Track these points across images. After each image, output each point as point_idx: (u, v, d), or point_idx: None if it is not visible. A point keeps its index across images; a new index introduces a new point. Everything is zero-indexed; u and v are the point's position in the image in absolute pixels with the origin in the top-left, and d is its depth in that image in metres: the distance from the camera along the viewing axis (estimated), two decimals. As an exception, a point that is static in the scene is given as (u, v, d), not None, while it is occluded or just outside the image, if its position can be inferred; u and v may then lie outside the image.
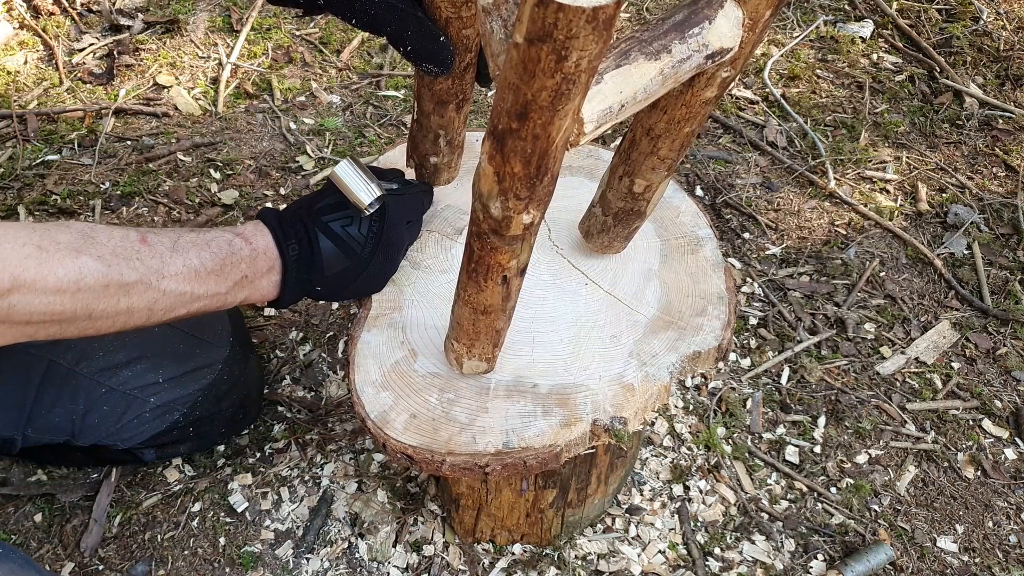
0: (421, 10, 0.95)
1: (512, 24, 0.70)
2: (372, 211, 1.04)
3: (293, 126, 2.06)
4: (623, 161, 0.96)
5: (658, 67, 0.73)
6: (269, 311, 1.68)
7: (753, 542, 1.41)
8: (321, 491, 1.42)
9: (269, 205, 1.87)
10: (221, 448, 1.46)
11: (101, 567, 1.32)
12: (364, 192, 1.02)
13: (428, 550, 1.36)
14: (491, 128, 0.64)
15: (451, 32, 0.96)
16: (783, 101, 2.23)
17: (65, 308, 0.83)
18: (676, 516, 1.43)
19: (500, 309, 0.87)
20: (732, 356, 1.67)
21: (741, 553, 1.39)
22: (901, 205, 2.01)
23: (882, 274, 1.85)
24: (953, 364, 1.69)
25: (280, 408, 1.53)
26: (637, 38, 0.74)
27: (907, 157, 2.12)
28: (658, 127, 0.89)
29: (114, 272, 0.85)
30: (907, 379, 1.66)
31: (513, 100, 0.59)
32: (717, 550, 1.39)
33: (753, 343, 1.70)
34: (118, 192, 1.86)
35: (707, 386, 1.62)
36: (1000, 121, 2.22)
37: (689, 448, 1.52)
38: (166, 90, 2.14)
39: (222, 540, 1.36)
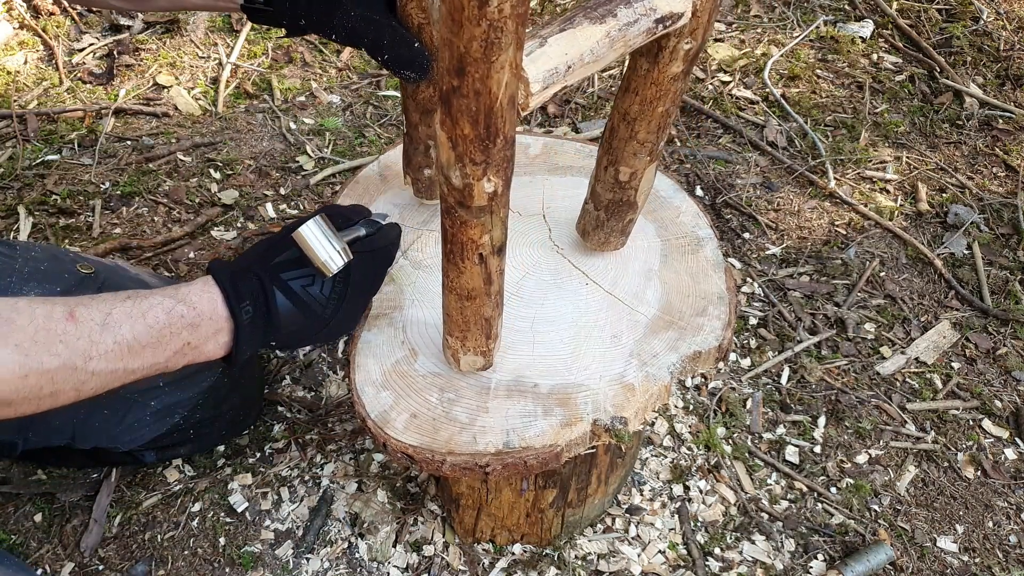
0: (396, 20, 0.97)
1: None
2: (336, 272, 0.97)
3: (293, 126, 2.06)
4: (606, 151, 0.99)
5: (603, 30, 0.75)
6: (269, 311, 1.68)
7: (753, 542, 1.41)
8: (321, 491, 1.42)
9: (226, 253, 1.87)
10: (221, 448, 1.46)
11: (101, 567, 1.32)
12: (329, 258, 0.95)
13: (428, 550, 1.36)
14: (438, 94, 0.66)
15: (424, 38, 0.99)
16: (783, 101, 2.23)
17: None
18: (676, 516, 1.43)
19: (484, 293, 0.87)
20: (732, 356, 1.67)
21: (741, 553, 1.39)
22: (901, 205, 2.01)
23: (882, 274, 1.85)
24: (953, 364, 1.69)
25: (280, 408, 1.53)
26: (583, 5, 0.77)
27: (907, 157, 2.12)
28: (632, 110, 0.91)
29: (33, 362, 0.80)
30: (907, 379, 1.66)
31: (450, 56, 0.61)
32: (717, 550, 1.39)
33: (753, 343, 1.70)
34: (118, 192, 1.86)
35: (707, 386, 1.62)
36: (1000, 121, 2.22)
37: (689, 448, 1.52)
38: (166, 90, 2.14)
39: (222, 540, 1.36)
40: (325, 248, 0.94)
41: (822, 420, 1.58)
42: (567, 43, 0.73)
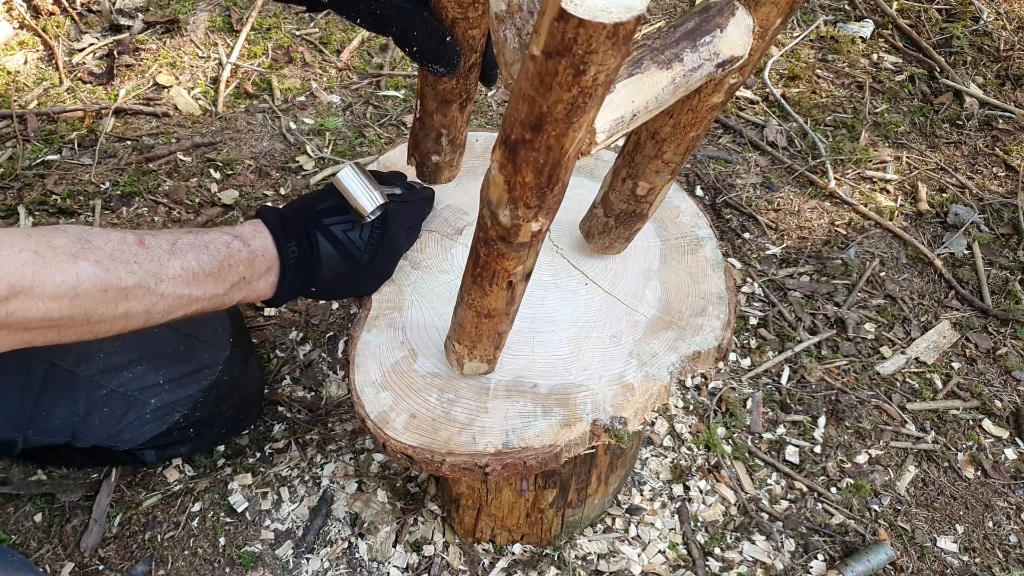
0: (427, 10, 0.94)
1: (527, 34, 0.70)
2: (374, 218, 1.04)
3: (293, 126, 2.06)
4: (627, 163, 0.96)
5: (670, 76, 0.73)
6: (269, 311, 1.68)
7: (753, 542, 1.41)
8: (321, 491, 1.42)
9: (269, 204, 1.87)
10: (221, 448, 1.46)
11: (101, 567, 1.32)
12: (367, 200, 1.02)
13: (428, 550, 1.36)
14: (503, 137, 0.63)
15: (457, 32, 0.96)
16: (783, 101, 2.23)
17: (63, 314, 0.83)
18: (676, 516, 1.43)
19: (504, 313, 0.87)
20: (732, 356, 1.67)
21: (741, 553, 1.39)
22: (901, 205, 2.01)
23: (882, 274, 1.85)
24: (953, 364, 1.69)
25: (280, 408, 1.53)
26: (649, 46, 0.73)
27: (907, 157, 2.12)
28: (663, 131, 0.88)
29: (112, 277, 0.85)
30: (907, 379, 1.66)
31: (528, 111, 0.59)
32: (717, 550, 1.39)
33: (753, 343, 1.70)
34: (118, 192, 1.86)
35: (707, 386, 1.62)
36: (1000, 121, 2.22)
37: (689, 448, 1.52)
38: (166, 90, 2.14)
39: (222, 540, 1.36)
40: (362, 192, 1.02)
41: (822, 420, 1.58)
42: (635, 89, 0.71)
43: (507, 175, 0.65)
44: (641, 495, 1.45)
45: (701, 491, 1.47)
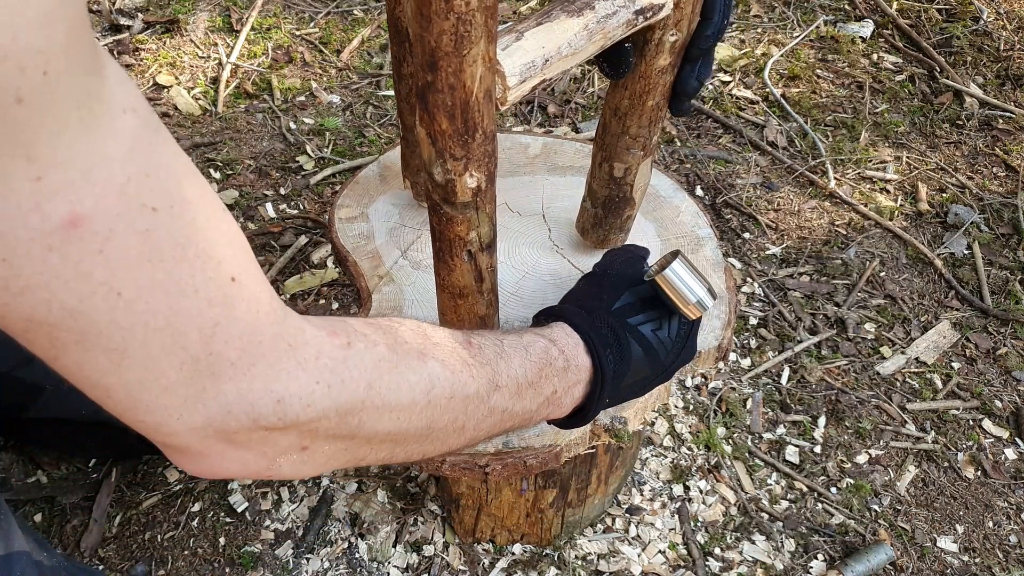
0: None
1: None
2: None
3: (293, 126, 2.06)
4: (600, 147, 0.99)
5: (581, 23, 0.75)
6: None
7: (753, 542, 1.41)
8: (321, 491, 1.42)
9: (574, 307, 1.86)
10: (221, 448, 1.46)
11: (101, 567, 1.32)
12: (705, 296, 0.83)
13: (428, 550, 1.36)
14: (414, 90, 0.66)
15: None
16: (783, 101, 2.23)
17: (410, 424, 0.65)
18: (676, 516, 1.43)
19: (476, 291, 0.87)
20: (732, 356, 1.67)
21: (741, 553, 1.39)
22: (901, 205, 2.01)
23: (882, 274, 1.85)
24: (953, 364, 1.69)
25: (280, 408, 1.53)
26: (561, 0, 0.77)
27: (907, 157, 2.12)
28: (623, 105, 0.91)
29: (457, 381, 0.68)
30: (907, 379, 1.66)
31: (422, 52, 0.61)
32: (717, 550, 1.39)
33: (753, 343, 1.70)
34: (118, 192, 1.86)
35: (707, 386, 1.62)
36: (1000, 121, 2.22)
37: (689, 448, 1.52)
38: (166, 90, 2.14)
39: (222, 540, 1.36)
40: (694, 288, 0.83)
41: (822, 420, 1.58)
42: (544, 36, 0.73)
43: (426, 126, 0.67)
44: (641, 495, 1.45)
45: (701, 491, 1.47)
